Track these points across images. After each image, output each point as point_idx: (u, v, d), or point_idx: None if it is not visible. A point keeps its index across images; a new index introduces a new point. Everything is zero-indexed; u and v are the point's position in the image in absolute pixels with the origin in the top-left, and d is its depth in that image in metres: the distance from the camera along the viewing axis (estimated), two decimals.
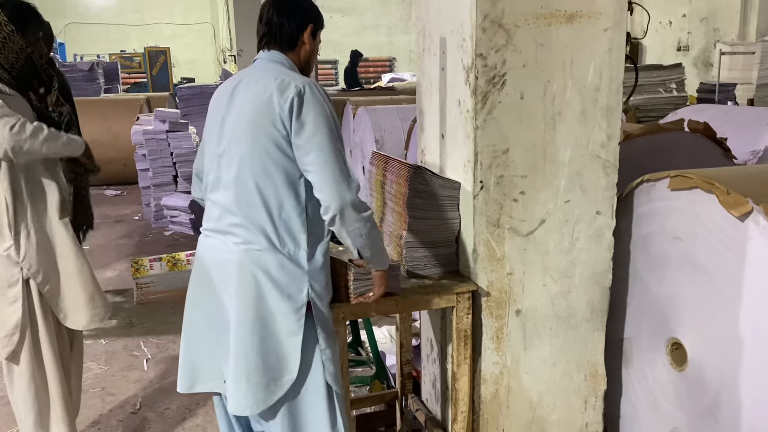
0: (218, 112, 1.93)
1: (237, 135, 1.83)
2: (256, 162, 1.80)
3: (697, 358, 2.07)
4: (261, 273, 1.82)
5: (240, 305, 1.83)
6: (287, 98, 1.77)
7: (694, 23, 13.29)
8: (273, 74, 1.84)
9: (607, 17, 2.07)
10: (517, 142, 2.07)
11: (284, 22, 1.91)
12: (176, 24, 18.25)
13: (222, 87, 1.97)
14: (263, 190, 1.81)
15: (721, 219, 1.91)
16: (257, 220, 1.81)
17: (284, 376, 1.84)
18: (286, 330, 1.83)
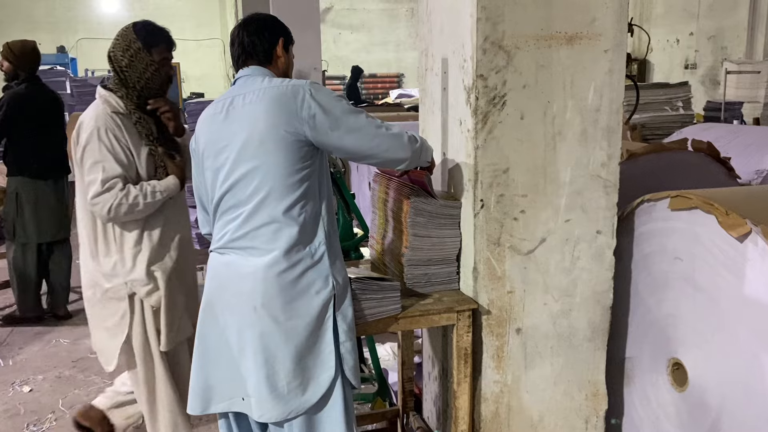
0: (217, 136, 1.91)
1: (251, 152, 1.83)
2: (274, 171, 1.82)
3: (698, 378, 2.06)
4: (288, 280, 1.83)
5: (269, 318, 1.83)
6: (301, 102, 1.81)
7: (702, 42, 13.32)
8: (273, 84, 1.87)
9: (607, 39, 2.10)
10: (518, 161, 2.09)
11: (255, 41, 1.98)
12: (186, 39, 18.37)
13: (211, 113, 1.95)
14: (283, 197, 1.83)
15: (721, 240, 1.92)
16: (279, 227, 1.83)
17: (323, 373, 1.86)
18: (318, 328, 1.86)
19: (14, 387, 3.59)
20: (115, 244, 2.42)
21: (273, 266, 1.83)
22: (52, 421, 3.23)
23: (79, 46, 17.61)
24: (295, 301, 1.84)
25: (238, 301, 1.88)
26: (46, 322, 4.55)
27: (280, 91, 1.84)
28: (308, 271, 1.85)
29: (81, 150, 2.37)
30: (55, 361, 3.93)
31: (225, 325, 1.90)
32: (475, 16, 1.98)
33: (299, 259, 1.85)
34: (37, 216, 4.31)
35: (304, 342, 1.85)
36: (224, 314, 1.91)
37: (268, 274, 1.83)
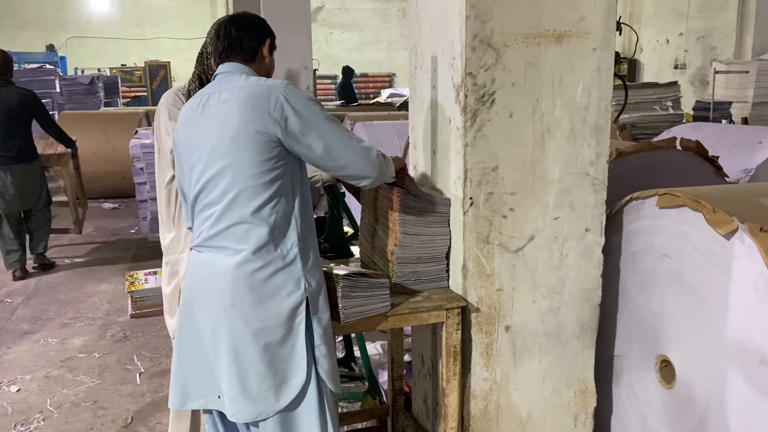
0: (193, 132, 1.92)
1: (222, 151, 1.83)
2: (244, 170, 1.81)
3: (685, 375, 2.07)
4: (257, 280, 1.82)
5: (239, 317, 1.83)
6: (275, 102, 1.80)
7: (691, 42, 13.41)
8: (250, 83, 1.86)
9: (595, 37, 2.10)
10: (507, 159, 2.09)
11: (243, 37, 1.97)
12: (177, 38, 18.36)
13: (189, 107, 1.97)
14: (253, 196, 1.82)
15: (708, 237, 1.93)
16: (249, 227, 1.82)
17: (293, 377, 1.85)
18: (290, 331, 1.84)
19: (2, 387, 3.56)
20: (173, 223, 2.56)
21: (242, 266, 1.82)
22: (39, 420, 3.20)
23: (68, 45, 17.51)
24: (264, 303, 1.83)
25: (211, 300, 1.88)
26: (35, 323, 4.52)
27: (254, 91, 1.83)
28: (279, 272, 1.83)
29: None
30: (43, 360, 3.90)
31: (201, 324, 1.91)
32: (464, 14, 1.98)
33: (269, 261, 1.83)
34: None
35: (274, 344, 1.83)
36: (200, 313, 1.91)
37: (237, 274, 1.83)
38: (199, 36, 18.51)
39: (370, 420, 2.90)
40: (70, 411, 3.29)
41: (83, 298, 5.02)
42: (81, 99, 11.08)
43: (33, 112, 5.38)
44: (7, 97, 5.22)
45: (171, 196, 2.59)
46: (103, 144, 8.80)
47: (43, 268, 5.72)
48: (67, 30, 17.68)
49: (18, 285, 5.33)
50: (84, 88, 11.22)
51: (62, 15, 17.71)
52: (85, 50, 17.71)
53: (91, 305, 4.85)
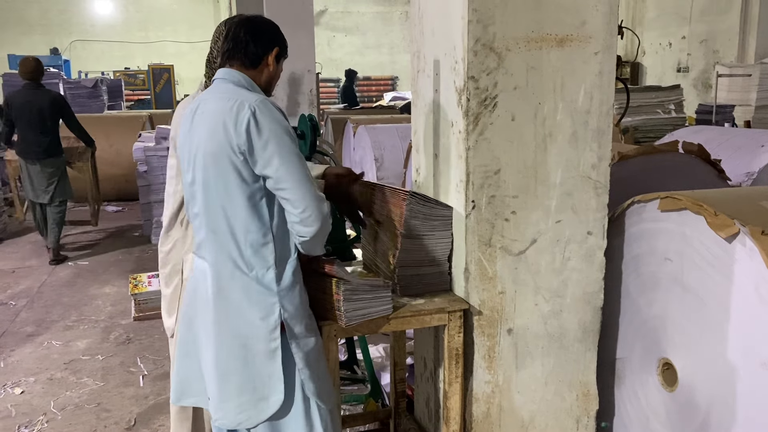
0: (183, 136, 1.94)
1: (200, 161, 1.84)
2: (219, 188, 1.81)
3: (687, 378, 2.08)
4: (233, 297, 1.84)
5: (219, 328, 1.86)
6: (242, 120, 1.76)
7: (694, 45, 13.39)
8: (227, 96, 1.82)
9: (597, 41, 2.11)
10: (509, 162, 2.10)
11: (249, 42, 1.93)
12: (180, 42, 18.41)
13: (185, 113, 1.97)
14: (228, 215, 1.82)
15: (709, 240, 1.94)
16: (224, 245, 1.84)
17: (272, 396, 1.85)
18: (264, 352, 1.84)
19: (6, 389, 3.57)
20: (181, 226, 2.56)
21: (220, 281, 1.86)
22: (43, 423, 3.22)
23: (72, 48, 17.56)
24: (241, 320, 1.84)
25: (201, 305, 1.92)
26: (39, 326, 4.54)
27: (227, 106, 1.79)
28: (253, 293, 1.83)
29: None
30: (46, 363, 3.91)
31: (198, 327, 1.95)
32: (466, 19, 1.99)
33: (244, 281, 1.83)
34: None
35: (253, 361, 1.84)
36: (197, 316, 1.95)
37: (217, 287, 1.86)
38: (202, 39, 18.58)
39: (372, 423, 2.90)
40: (73, 413, 3.31)
41: (87, 300, 5.03)
42: (85, 102, 11.11)
43: (61, 113, 6.05)
44: (40, 99, 5.88)
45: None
46: (106, 147, 8.81)
47: (57, 261, 6.04)
48: (71, 33, 17.73)
49: (22, 287, 5.35)
50: (88, 92, 11.25)
51: (66, 18, 17.77)
52: (88, 53, 17.76)
53: (94, 308, 4.87)
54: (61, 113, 6.04)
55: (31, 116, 5.84)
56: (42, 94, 5.95)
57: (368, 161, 5.79)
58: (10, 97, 6.04)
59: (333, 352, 2.04)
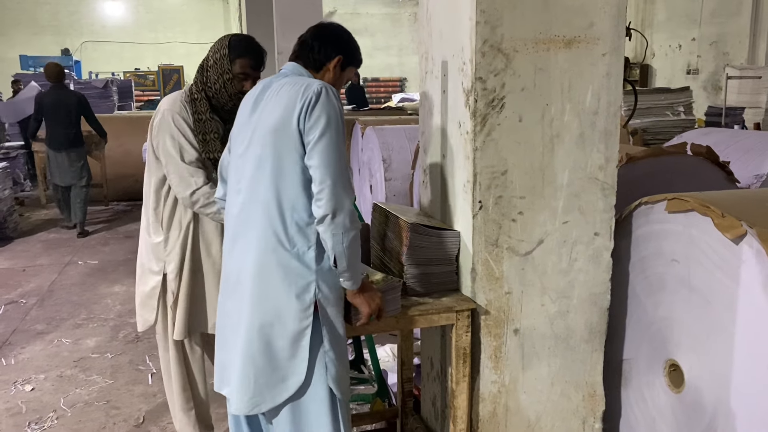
0: (244, 116, 2.00)
1: (259, 136, 1.89)
2: (274, 162, 1.85)
3: (694, 380, 2.08)
4: (270, 273, 1.85)
5: (251, 306, 1.87)
6: (306, 98, 1.83)
7: (704, 47, 13.35)
8: (300, 80, 1.92)
9: (605, 43, 2.12)
10: (516, 163, 2.11)
11: (315, 46, 2.02)
12: (190, 43, 18.51)
13: (251, 92, 2.05)
14: (278, 189, 1.85)
15: (716, 242, 1.94)
16: (269, 219, 1.85)
17: (291, 377, 1.87)
18: (294, 331, 1.85)
19: (16, 386, 3.61)
20: (162, 227, 2.61)
21: (259, 254, 1.86)
22: (53, 419, 3.25)
23: (83, 49, 17.69)
24: (272, 297, 1.85)
25: (235, 287, 1.94)
26: (49, 324, 4.58)
27: (296, 87, 1.87)
28: (290, 270, 1.85)
29: None
30: (56, 360, 3.95)
31: (229, 310, 1.98)
32: (474, 20, 2.01)
33: (283, 255, 1.85)
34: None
35: (277, 341, 1.86)
36: (230, 299, 1.97)
37: (256, 262, 1.87)
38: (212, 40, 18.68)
39: (379, 422, 2.92)
40: (83, 410, 3.34)
41: (96, 299, 5.07)
42: (95, 102, 11.15)
43: (83, 109, 7.11)
44: (67, 98, 7.06)
45: (160, 199, 2.61)
46: (116, 147, 8.87)
47: (83, 234, 7.18)
48: (81, 34, 17.87)
49: (32, 286, 5.40)
50: (98, 92, 11.35)
51: (77, 20, 17.91)
52: (99, 54, 17.89)
53: (104, 306, 4.91)
54: (83, 110, 7.11)
55: (59, 113, 6.93)
56: (68, 94, 7.14)
57: (376, 162, 5.80)
58: (40, 97, 7.15)
59: None
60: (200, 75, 2.53)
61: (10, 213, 7.12)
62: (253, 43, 2.53)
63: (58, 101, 6.96)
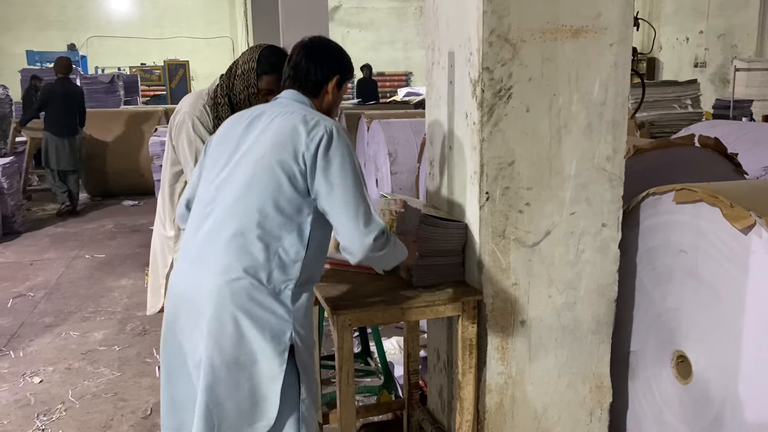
0: (229, 140, 1.88)
1: (249, 162, 1.78)
2: (265, 191, 1.74)
3: (702, 371, 2.07)
4: (242, 309, 1.70)
5: (214, 345, 1.70)
6: (315, 136, 1.74)
7: (712, 40, 13.27)
8: (299, 110, 1.83)
9: (612, 33, 2.11)
10: (523, 154, 2.10)
11: (311, 69, 1.91)
12: (196, 38, 18.50)
13: (237, 116, 1.95)
14: (265, 220, 1.73)
15: (725, 232, 1.93)
16: (249, 251, 1.71)
17: (259, 421, 1.74)
18: (267, 374, 1.71)
19: (25, 378, 3.63)
20: (172, 224, 2.65)
21: (230, 285, 1.70)
22: (61, 411, 3.27)
23: (89, 44, 17.71)
24: (245, 338, 1.70)
25: (188, 321, 1.76)
26: (57, 316, 4.60)
27: (300, 119, 1.79)
28: (265, 309, 1.71)
29: None
30: (64, 353, 3.97)
31: (180, 344, 1.81)
32: (481, 10, 2.00)
33: (257, 293, 1.70)
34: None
35: (245, 383, 1.71)
36: (183, 330, 1.79)
37: (222, 296, 1.70)
38: (217, 35, 18.69)
39: (385, 413, 2.92)
40: (90, 402, 3.35)
41: (104, 292, 5.09)
42: (101, 97, 11.23)
43: (81, 101, 7.94)
44: (73, 89, 7.97)
45: (174, 195, 2.65)
46: (122, 142, 8.91)
47: (73, 211, 8.02)
48: (87, 29, 17.88)
49: (40, 279, 5.42)
50: (104, 87, 11.36)
51: (83, 15, 17.92)
52: (105, 49, 17.90)
53: (111, 300, 4.93)
54: (82, 102, 7.93)
55: (67, 103, 7.67)
56: (74, 86, 8.09)
57: (382, 156, 5.80)
58: (50, 87, 7.84)
59: (347, 342, 2.05)
60: (227, 80, 2.53)
61: (18, 207, 7.15)
62: (282, 60, 2.47)
63: (66, 92, 7.68)
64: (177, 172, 2.62)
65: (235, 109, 2.53)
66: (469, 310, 2.13)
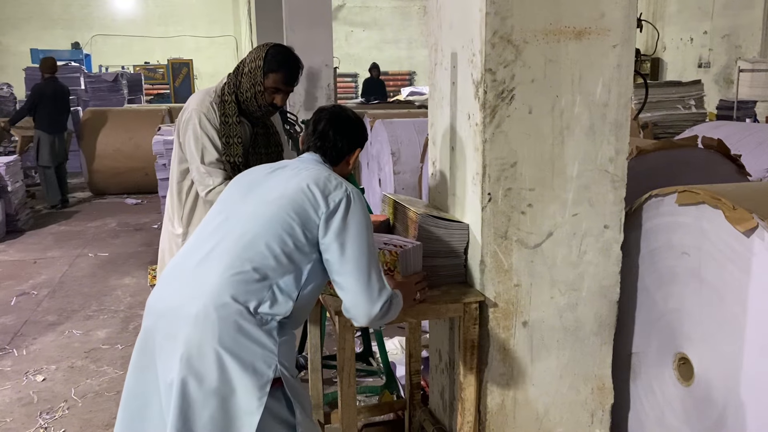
0: (250, 180, 1.93)
1: (266, 200, 1.80)
2: (275, 230, 1.74)
3: (704, 373, 2.07)
4: (225, 338, 1.64)
5: (190, 372, 1.63)
6: (336, 196, 1.78)
7: (716, 40, 13.23)
8: (324, 170, 1.89)
9: (615, 34, 2.11)
10: (526, 155, 2.10)
11: (338, 142, 1.98)
12: (199, 37, 18.52)
13: (263, 165, 2.02)
14: (268, 257, 1.71)
15: (727, 234, 1.92)
16: (244, 280, 1.69)
17: None
18: (244, 408, 1.63)
19: (28, 376, 3.64)
20: (181, 222, 2.68)
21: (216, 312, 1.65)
22: (64, 409, 3.28)
23: (93, 43, 17.75)
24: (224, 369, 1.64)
25: (165, 345, 1.69)
26: (60, 315, 4.62)
27: (324, 175, 1.84)
28: (251, 341, 1.66)
29: None
30: (67, 351, 3.98)
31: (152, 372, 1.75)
32: (484, 11, 2.00)
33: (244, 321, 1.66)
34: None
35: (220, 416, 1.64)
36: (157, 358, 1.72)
37: (205, 317, 1.65)
38: (221, 34, 18.70)
39: (387, 414, 2.93)
40: (93, 400, 3.36)
41: (107, 291, 5.11)
42: (105, 96, 11.26)
43: (68, 100, 8.40)
44: (62, 88, 8.27)
45: (182, 193, 2.68)
46: (126, 140, 8.93)
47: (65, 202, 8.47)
48: (92, 28, 17.92)
49: (44, 278, 5.44)
50: (108, 85, 11.39)
51: (88, 13, 17.96)
52: (109, 48, 17.94)
53: (114, 298, 4.94)
54: (69, 100, 8.42)
55: (57, 101, 8.09)
56: (62, 85, 8.29)
57: (385, 155, 5.80)
58: (40, 88, 8.07)
59: (350, 342, 2.05)
60: (235, 77, 2.57)
61: (21, 206, 7.17)
62: (289, 59, 2.53)
63: (55, 91, 8.08)
64: (184, 170, 2.64)
65: (241, 106, 2.56)
66: (471, 311, 2.13)
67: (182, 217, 2.68)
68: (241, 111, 2.58)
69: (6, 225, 6.84)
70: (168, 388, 1.66)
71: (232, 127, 2.54)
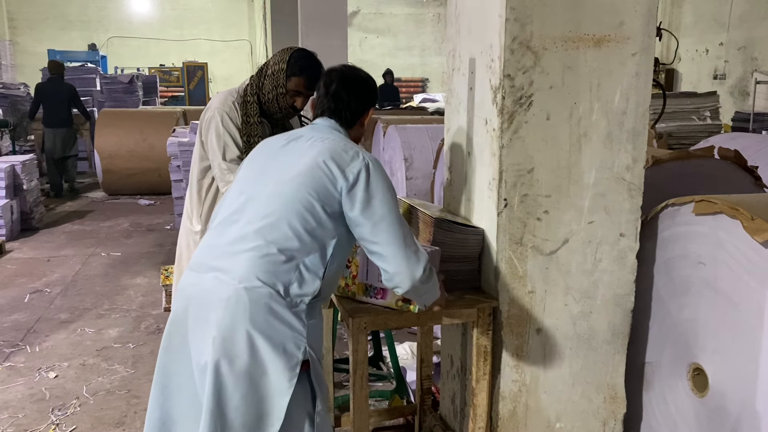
0: (266, 156, 1.93)
1: (284, 179, 1.79)
2: (296, 209, 1.74)
3: (718, 384, 2.05)
4: (256, 320, 1.67)
5: (223, 354, 1.66)
6: (355, 167, 1.77)
7: (732, 52, 13.15)
8: (338, 138, 1.87)
9: (635, 42, 2.10)
10: (542, 162, 2.10)
11: (351, 102, 1.94)
12: (214, 40, 18.65)
13: (276, 136, 2.01)
14: (292, 237, 1.73)
15: (745, 245, 1.91)
16: (272, 262, 1.71)
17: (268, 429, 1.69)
18: (276, 388, 1.67)
19: (40, 373, 3.67)
20: (199, 219, 2.71)
21: (248, 295, 1.68)
22: (76, 407, 3.29)
23: (109, 44, 17.91)
24: (255, 350, 1.66)
25: (197, 328, 1.72)
26: (72, 313, 4.65)
27: (340, 146, 1.82)
28: (282, 323, 1.69)
29: None
30: (79, 349, 4.00)
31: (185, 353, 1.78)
32: (503, 17, 2.00)
33: (275, 304, 1.69)
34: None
35: (252, 396, 1.67)
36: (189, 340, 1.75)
37: (239, 303, 1.68)
38: (236, 38, 18.82)
39: (397, 418, 2.92)
40: (104, 398, 3.38)
41: (119, 290, 5.13)
42: (120, 97, 11.35)
43: (73, 97, 9.06)
44: (62, 87, 8.95)
45: (202, 191, 2.72)
46: (140, 141, 8.99)
47: (73, 192, 9.29)
48: (108, 30, 18.08)
49: (56, 276, 5.48)
50: (123, 87, 11.48)
51: (104, 15, 18.13)
52: (125, 50, 18.09)
53: (126, 298, 4.97)
54: (74, 97, 9.03)
55: (56, 99, 8.81)
56: (65, 85, 9.05)
57: (398, 161, 5.80)
58: (39, 87, 9.09)
59: (362, 345, 2.06)
60: (258, 79, 2.62)
61: (36, 204, 7.24)
62: (311, 64, 2.56)
63: (55, 89, 8.87)
64: (205, 168, 2.69)
65: (263, 107, 2.61)
66: (485, 316, 2.13)
67: (201, 214, 2.72)
68: (263, 112, 2.63)
69: (21, 223, 6.90)
70: (201, 370, 1.70)
71: (253, 126, 2.59)
